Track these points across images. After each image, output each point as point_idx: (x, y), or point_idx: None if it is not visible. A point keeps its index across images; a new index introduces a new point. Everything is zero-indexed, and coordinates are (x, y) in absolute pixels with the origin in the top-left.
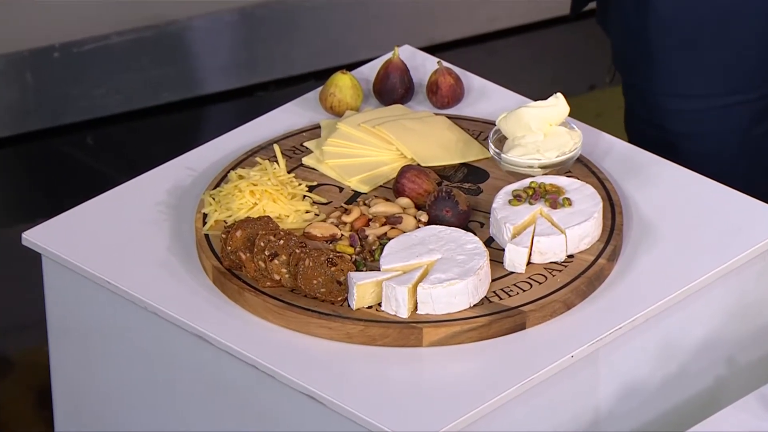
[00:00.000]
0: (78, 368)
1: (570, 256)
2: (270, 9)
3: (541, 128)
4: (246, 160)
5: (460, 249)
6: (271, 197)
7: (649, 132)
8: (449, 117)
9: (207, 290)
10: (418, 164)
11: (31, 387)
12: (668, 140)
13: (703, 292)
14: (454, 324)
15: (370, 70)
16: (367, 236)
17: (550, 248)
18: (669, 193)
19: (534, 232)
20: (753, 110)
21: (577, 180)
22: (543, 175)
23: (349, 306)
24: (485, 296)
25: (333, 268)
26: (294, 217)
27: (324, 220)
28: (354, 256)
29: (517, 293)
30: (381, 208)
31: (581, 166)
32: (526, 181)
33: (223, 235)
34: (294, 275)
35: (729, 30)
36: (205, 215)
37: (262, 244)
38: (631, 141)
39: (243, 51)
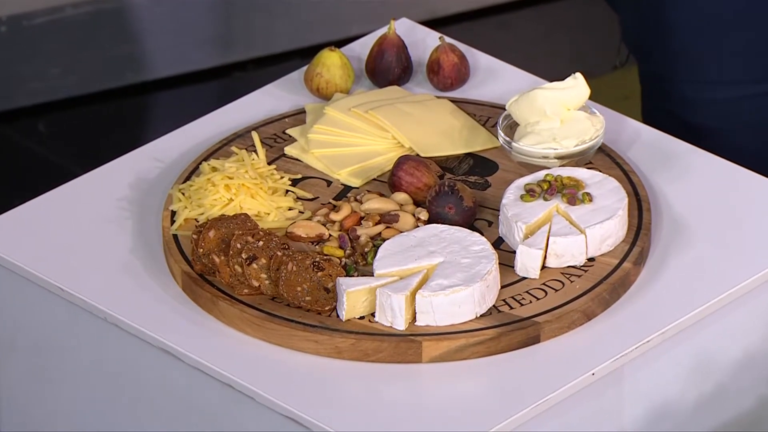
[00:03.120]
0: (28, 388)
1: (590, 260)
2: None
3: (557, 113)
4: (220, 149)
5: (465, 251)
6: (248, 192)
7: (671, 125)
8: (452, 100)
9: (176, 298)
10: (417, 154)
11: None
12: (693, 135)
13: (743, 301)
14: (458, 337)
15: (362, 47)
16: (358, 237)
17: (568, 250)
18: (705, 187)
19: (549, 232)
20: None
21: (598, 172)
22: (560, 166)
23: (338, 317)
24: (494, 305)
25: (320, 274)
26: (275, 215)
27: (309, 219)
28: (344, 260)
29: (530, 302)
30: (374, 204)
31: (604, 157)
32: (541, 174)
33: (194, 236)
34: (275, 281)
35: (755, 7)
36: (173, 213)
37: (238, 245)
38: None
39: (218, 25)
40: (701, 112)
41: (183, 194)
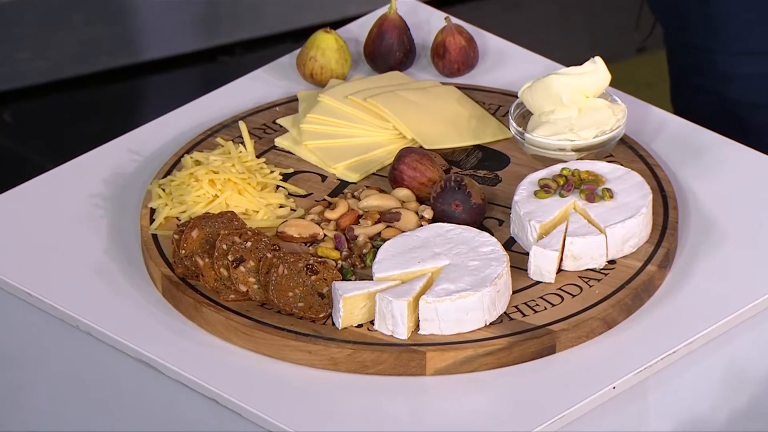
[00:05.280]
0: None
1: (611, 262)
2: None
3: (575, 101)
4: (204, 141)
5: (473, 253)
6: (235, 188)
7: (706, 104)
8: (459, 87)
9: (155, 305)
10: (421, 146)
11: None
12: (732, 115)
13: None
14: (466, 347)
15: (360, 29)
16: (356, 237)
17: (587, 252)
18: (737, 182)
19: (566, 231)
20: None
21: (620, 166)
22: (577, 159)
23: (333, 325)
24: (505, 312)
25: (313, 277)
26: (264, 213)
27: (302, 217)
28: (340, 262)
29: (545, 308)
30: (374, 201)
31: (626, 149)
32: (557, 168)
33: (176, 236)
34: (264, 286)
35: None
36: (152, 211)
37: (224, 246)
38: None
39: (202, 4)
40: (738, 86)
41: (163, 190)
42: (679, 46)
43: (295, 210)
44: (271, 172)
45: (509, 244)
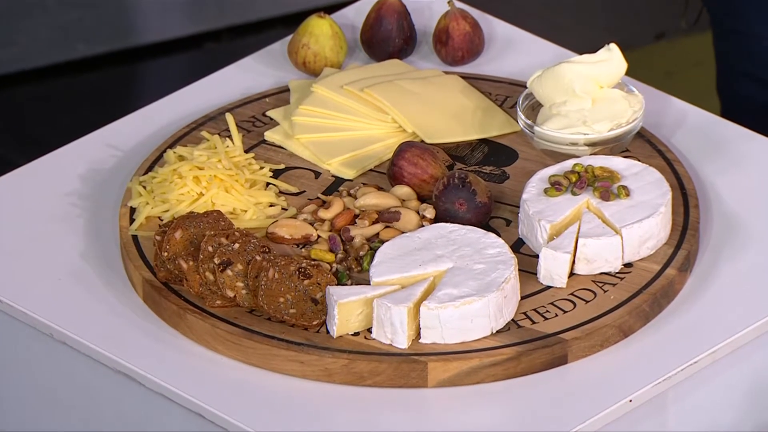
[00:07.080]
0: None
1: (627, 265)
2: None
3: (588, 92)
4: (189, 134)
5: (479, 255)
6: (222, 185)
7: (757, 94)
8: (463, 76)
9: (135, 311)
10: (422, 141)
11: None
12: None
13: None
14: (471, 357)
15: (356, 13)
16: (352, 238)
17: (601, 254)
18: (762, 178)
19: (578, 232)
20: None
21: (637, 162)
22: (591, 155)
23: (328, 333)
24: (512, 319)
25: (306, 282)
26: (253, 213)
27: (294, 217)
28: (335, 265)
29: (556, 315)
30: (371, 200)
31: (643, 143)
32: (568, 164)
33: (158, 237)
34: (254, 291)
35: None
36: (132, 210)
37: (210, 248)
38: (726, 108)
39: None
40: None
41: (144, 188)
42: (727, 32)
43: (286, 209)
44: (261, 168)
45: (517, 245)
